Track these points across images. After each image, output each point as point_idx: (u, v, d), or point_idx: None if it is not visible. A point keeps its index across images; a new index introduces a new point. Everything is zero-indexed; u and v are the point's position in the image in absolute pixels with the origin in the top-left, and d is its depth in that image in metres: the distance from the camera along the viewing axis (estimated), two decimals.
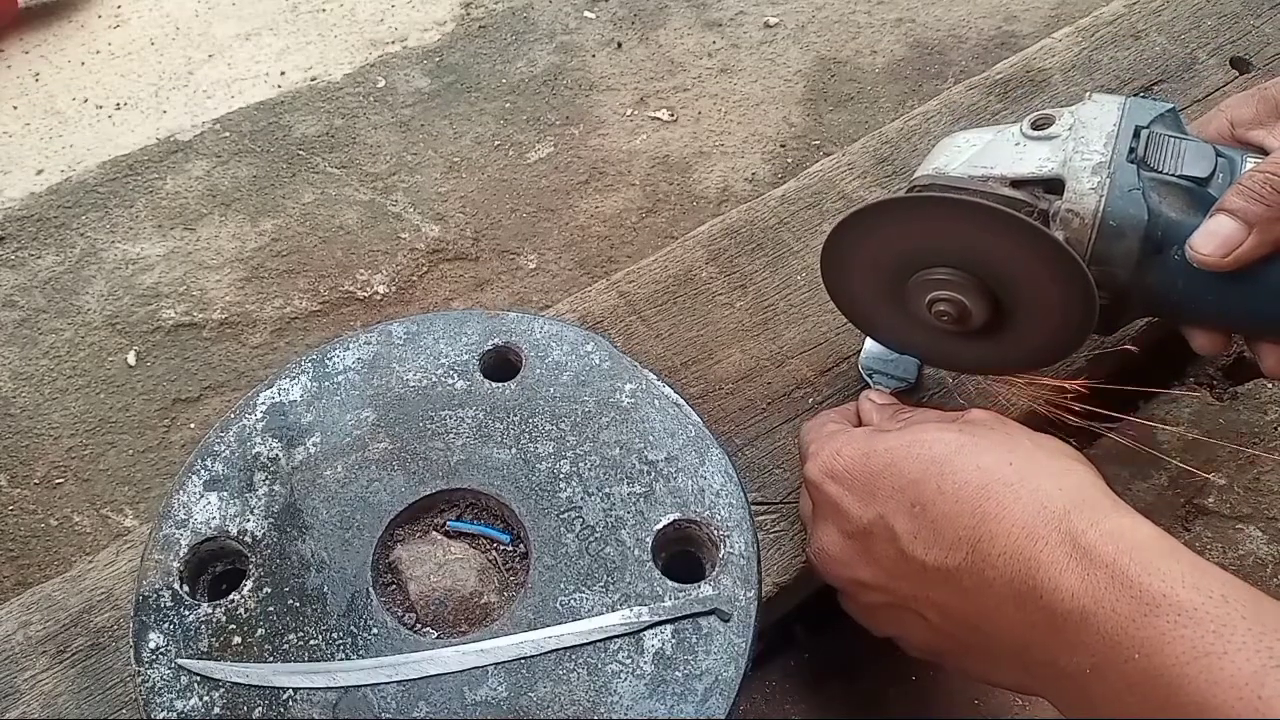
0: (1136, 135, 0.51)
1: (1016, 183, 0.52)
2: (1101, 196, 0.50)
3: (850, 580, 0.49)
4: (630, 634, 0.47)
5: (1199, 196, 0.50)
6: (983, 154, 0.53)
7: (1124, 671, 0.37)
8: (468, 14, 1.09)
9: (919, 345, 0.60)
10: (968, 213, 0.50)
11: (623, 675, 0.46)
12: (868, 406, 0.57)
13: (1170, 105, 0.53)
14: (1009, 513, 0.42)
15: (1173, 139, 0.51)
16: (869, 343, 0.63)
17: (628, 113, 0.98)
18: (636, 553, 0.49)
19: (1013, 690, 0.47)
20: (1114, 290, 0.52)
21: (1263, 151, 0.52)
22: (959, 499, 0.43)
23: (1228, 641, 0.35)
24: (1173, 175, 0.51)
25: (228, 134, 0.97)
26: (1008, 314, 0.54)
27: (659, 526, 0.50)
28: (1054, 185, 0.51)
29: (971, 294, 0.52)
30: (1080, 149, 0.51)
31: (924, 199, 0.52)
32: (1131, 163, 0.51)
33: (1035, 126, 0.53)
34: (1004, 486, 0.43)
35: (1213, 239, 0.48)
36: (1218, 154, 0.51)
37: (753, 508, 0.52)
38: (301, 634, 0.47)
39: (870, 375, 0.61)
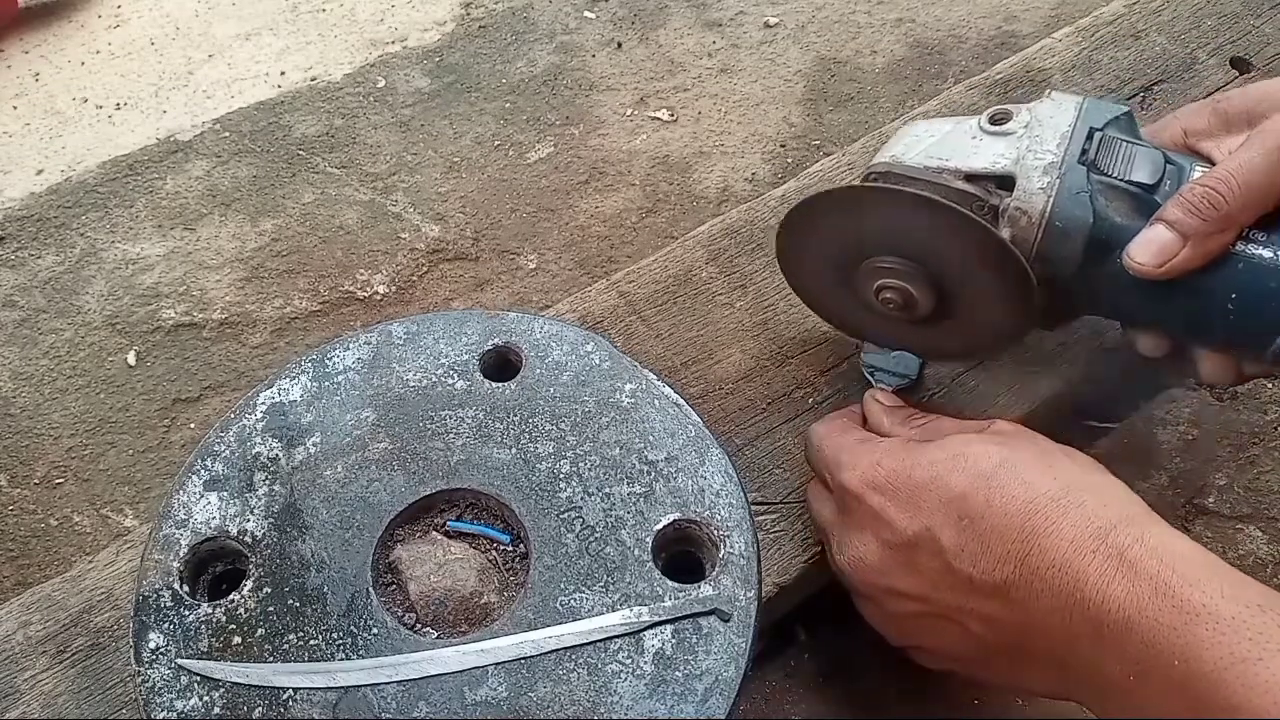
0: (1090, 137, 0.52)
1: (970, 176, 0.53)
2: (1050, 197, 0.51)
3: (886, 589, 0.49)
4: (630, 634, 0.47)
5: (1145, 202, 0.51)
6: (940, 145, 0.54)
7: (1165, 678, 0.39)
8: (468, 14, 1.09)
9: (868, 329, 0.61)
10: (917, 206, 0.51)
11: (623, 675, 0.46)
12: (875, 408, 0.57)
13: (1126, 109, 0.54)
14: (1057, 528, 0.43)
15: (1125, 143, 0.52)
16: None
17: (628, 113, 0.98)
18: (636, 553, 0.49)
19: (1045, 696, 0.48)
20: (1056, 289, 0.53)
21: (1210, 163, 0.52)
22: (1007, 514, 0.44)
23: (1263, 648, 0.37)
24: (1121, 180, 0.51)
25: (228, 134, 0.97)
26: (952, 305, 0.54)
27: (659, 526, 0.50)
28: (1006, 182, 0.52)
29: (918, 283, 0.53)
30: (1034, 147, 0.52)
31: (876, 189, 0.53)
32: (1082, 165, 0.51)
33: (993, 121, 0.54)
34: (1051, 502, 0.44)
35: (1149, 248, 0.49)
36: (1167, 161, 0.52)
37: (753, 508, 0.52)
38: (301, 634, 0.47)
39: (872, 373, 0.61)
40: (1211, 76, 0.80)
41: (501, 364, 0.56)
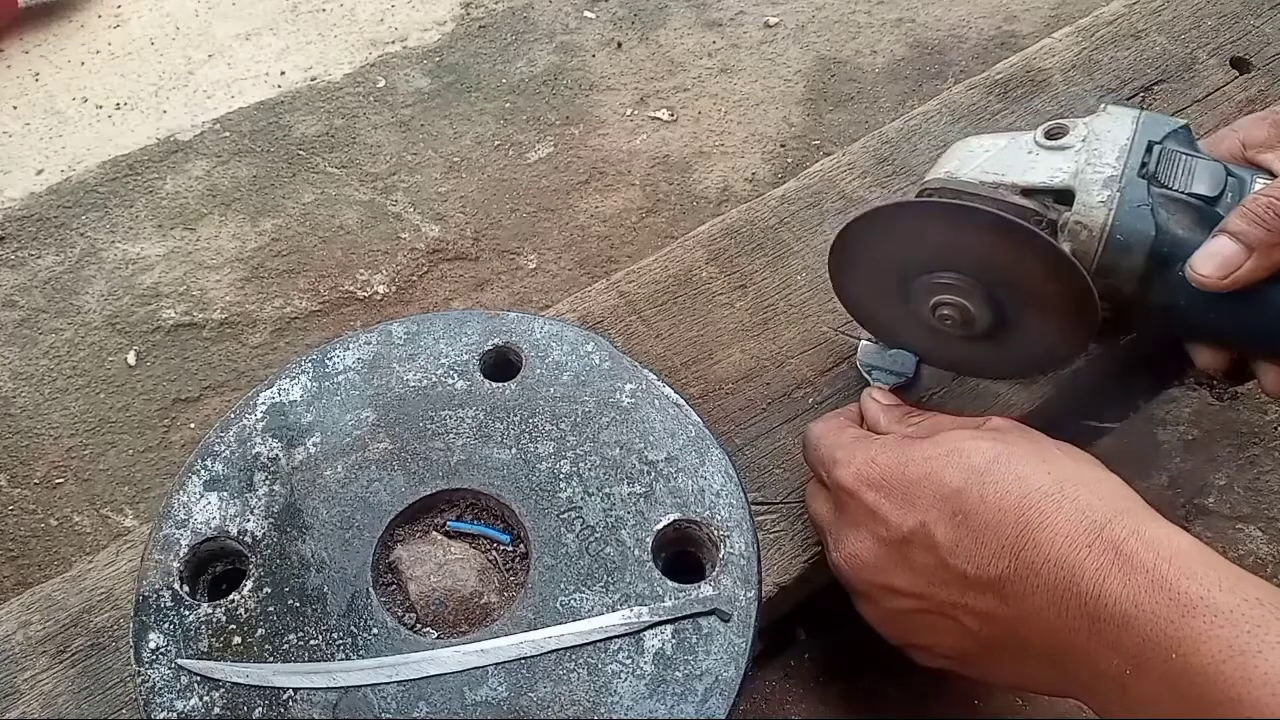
0: (1149, 150, 0.52)
1: (1027, 191, 0.52)
2: (1111, 210, 0.50)
3: (881, 586, 0.49)
4: (630, 634, 0.47)
5: (1207, 215, 0.50)
6: (995, 160, 0.54)
7: (1163, 671, 0.39)
8: (468, 14, 1.09)
9: (921, 346, 0.60)
10: (977, 220, 0.50)
11: (623, 675, 0.46)
12: (872, 407, 0.57)
13: (1183, 122, 0.53)
14: (1051, 522, 0.43)
15: (1184, 156, 0.52)
16: (865, 339, 0.63)
17: (628, 113, 0.98)
18: (636, 553, 0.49)
19: (1043, 693, 0.48)
20: (1117, 303, 0.53)
21: (1271, 174, 0.52)
22: (1001, 509, 0.44)
23: (1261, 640, 0.37)
24: (1182, 193, 0.51)
25: (228, 134, 0.97)
26: (1010, 321, 0.54)
27: (659, 526, 0.50)
28: (1064, 196, 0.52)
29: (976, 299, 0.53)
30: (1093, 161, 0.51)
31: (936, 204, 0.53)
32: (1142, 178, 0.51)
33: (1049, 136, 0.54)
34: (1044, 496, 0.44)
35: (1212, 260, 0.49)
36: (1228, 173, 0.51)
37: (753, 508, 0.52)
38: (301, 634, 0.47)
39: (869, 371, 0.61)
40: (1212, 76, 0.80)
41: (501, 364, 0.56)
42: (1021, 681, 0.48)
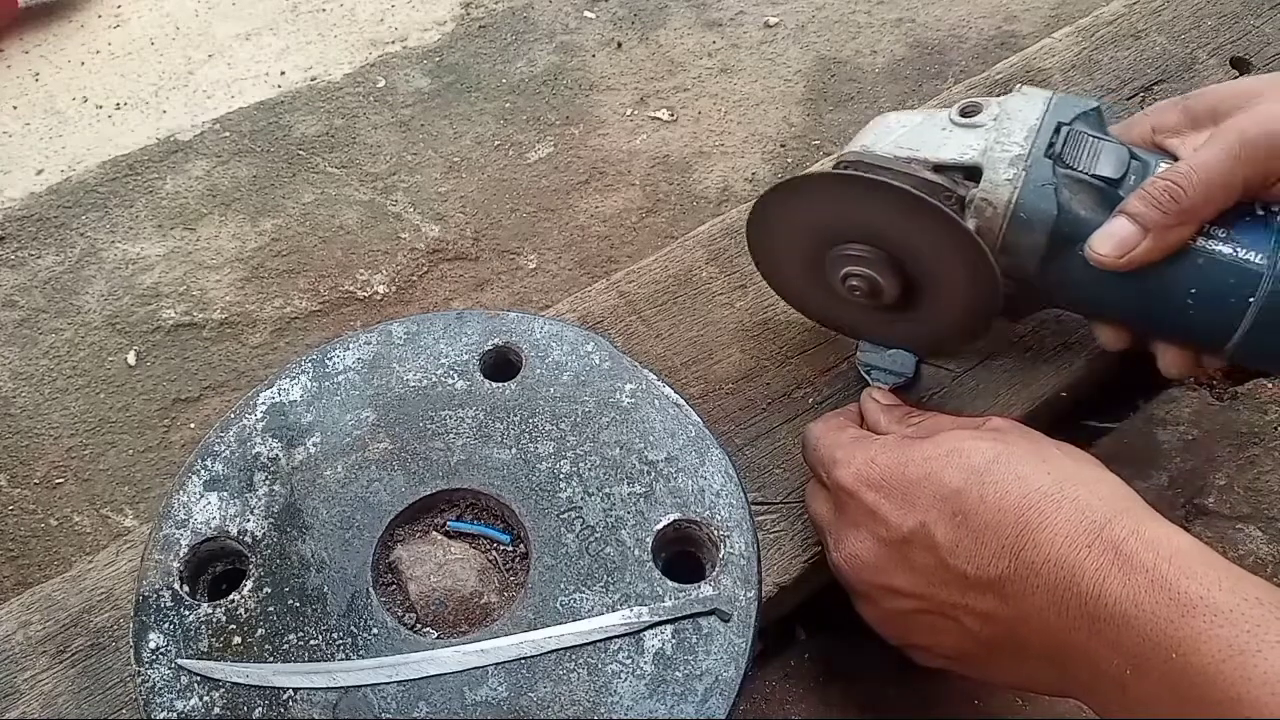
0: (1057, 131, 0.53)
1: (939, 167, 0.53)
2: (1015, 189, 0.51)
3: (881, 587, 0.49)
4: (630, 634, 0.47)
5: (1109, 196, 0.52)
6: (910, 135, 0.55)
7: (1162, 671, 0.38)
8: (468, 14, 1.09)
9: (838, 318, 0.61)
10: (886, 193, 0.51)
11: (623, 675, 0.46)
12: (872, 407, 0.57)
13: (1096, 104, 0.54)
14: (1051, 522, 0.43)
15: (1091, 138, 0.53)
16: (866, 339, 0.63)
17: (628, 113, 0.98)
18: (636, 553, 0.49)
19: (1043, 693, 0.48)
20: (1020, 280, 0.54)
21: (1175, 159, 0.53)
22: (1001, 509, 0.44)
23: (1261, 640, 0.37)
24: (1086, 174, 0.52)
25: (228, 134, 0.97)
26: (918, 293, 0.55)
27: (659, 526, 0.50)
28: (973, 173, 0.53)
29: (884, 270, 0.54)
30: (1001, 140, 0.53)
31: (847, 176, 0.54)
32: (1049, 158, 0.52)
33: (963, 114, 0.55)
34: (1044, 496, 0.44)
35: (1110, 240, 0.50)
36: (1132, 156, 0.52)
37: (753, 508, 0.52)
38: (301, 634, 0.47)
39: (868, 371, 0.61)
40: (1212, 76, 0.80)
41: (501, 364, 0.56)
42: (1021, 681, 0.48)
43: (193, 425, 0.79)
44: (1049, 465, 0.46)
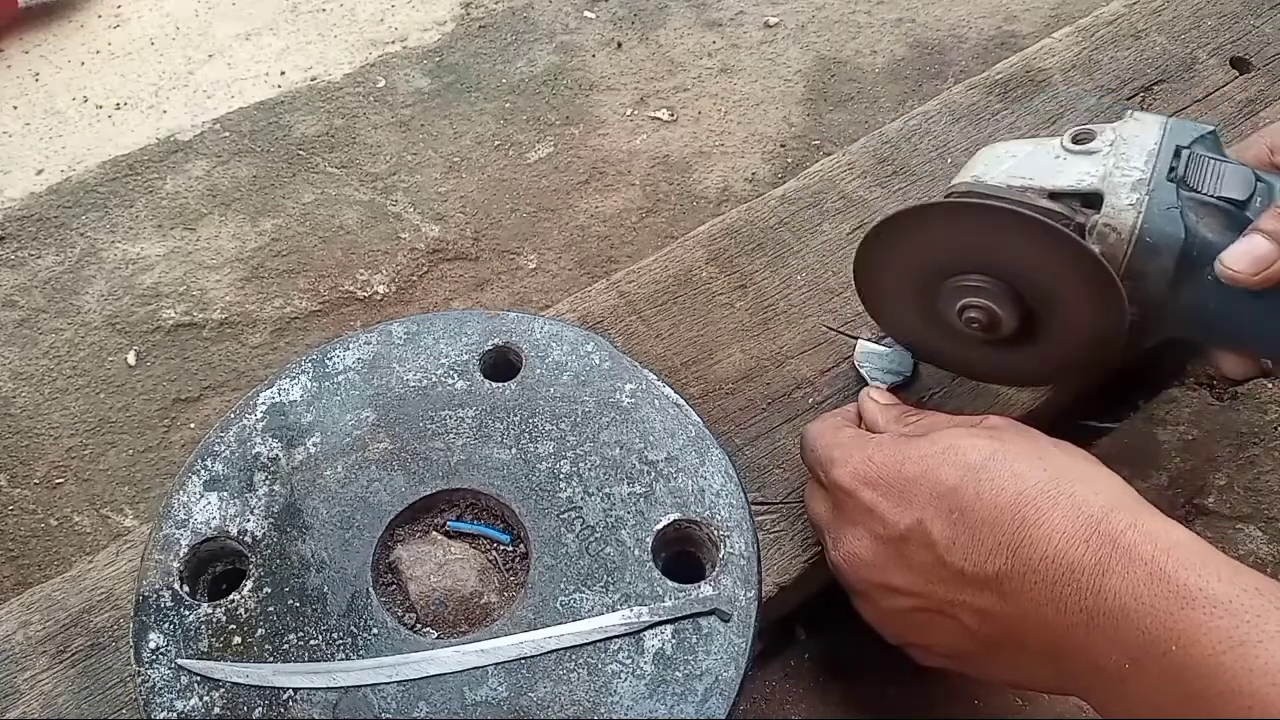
0: (1177, 155, 0.52)
1: (1054, 195, 0.52)
2: (1140, 213, 0.50)
3: (879, 585, 0.49)
4: (630, 634, 0.47)
5: (1236, 219, 0.51)
6: (1021, 165, 0.54)
7: (1162, 665, 0.38)
8: (468, 14, 1.09)
9: (943, 352, 0.60)
10: (1007, 220, 0.50)
11: (623, 675, 0.46)
12: (871, 407, 0.57)
13: (1211, 128, 0.53)
14: (1048, 518, 0.43)
15: (1213, 160, 0.52)
16: (865, 338, 0.63)
17: (628, 113, 0.98)
18: (636, 553, 0.49)
19: (1043, 690, 0.48)
20: (1146, 307, 0.53)
21: None
22: (997, 505, 0.45)
23: (1261, 630, 0.37)
24: (1211, 196, 0.51)
25: (228, 134, 0.97)
26: (1038, 325, 0.54)
27: (659, 526, 0.50)
28: (1092, 200, 0.52)
29: (1003, 302, 0.53)
30: (1120, 165, 0.52)
31: (966, 205, 0.53)
32: (1171, 181, 0.51)
33: (1076, 141, 0.54)
34: (1040, 493, 0.44)
35: (1245, 257, 0.49)
36: (1257, 178, 0.52)
37: (753, 508, 0.52)
38: (301, 634, 0.47)
39: (867, 371, 0.61)
40: (1211, 76, 0.80)
41: (501, 364, 0.56)
42: (1020, 679, 0.48)
43: (193, 425, 0.79)
44: (1045, 461, 0.46)
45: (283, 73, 1.04)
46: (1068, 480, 0.45)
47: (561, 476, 0.52)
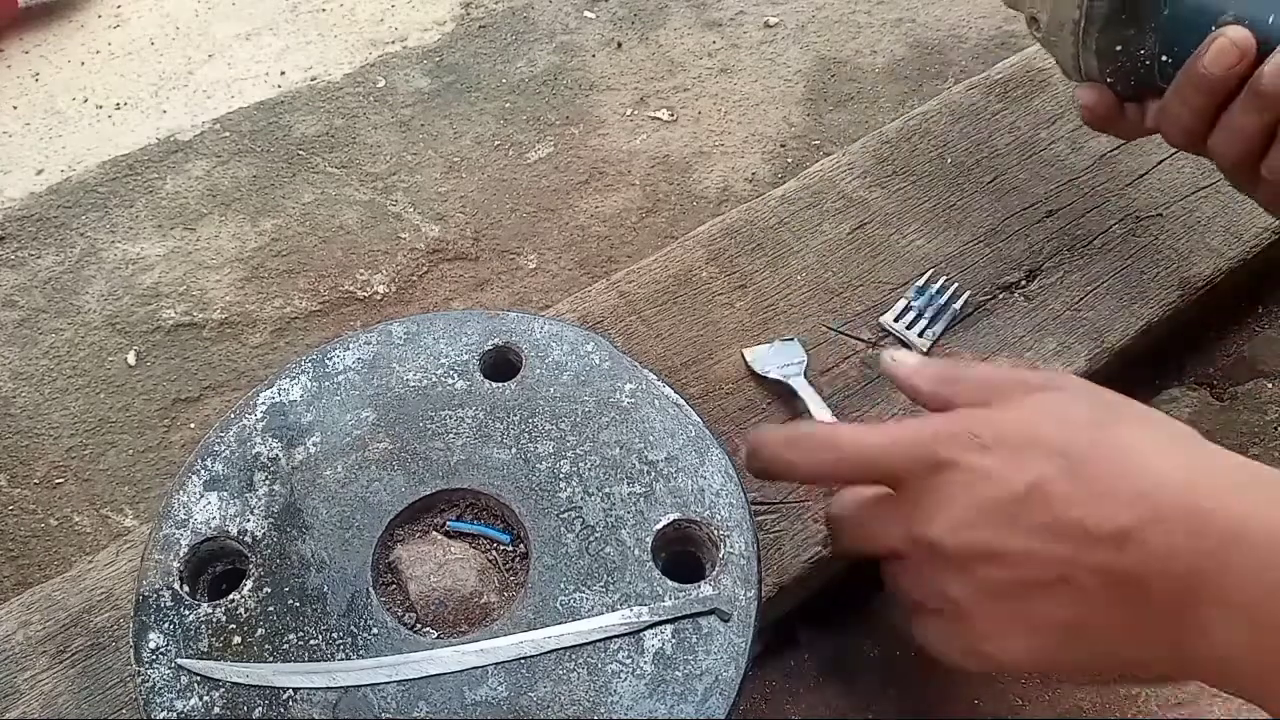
0: None
1: None
2: None
3: (983, 553, 0.44)
4: (630, 634, 0.47)
5: None
6: None
7: None
8: (468, 14, 1.09)
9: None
10: None
11: (623, 675, 0.46)
12: (903, 371, 0.50)
13: None
14: (1169, 459, 0.41)
15: None
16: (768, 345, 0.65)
17: (628, 113, 0.98)
18: (636, 553, 0.49)
19: (1148, 679, 0.45)
20: None
21: None
22: (1118, 451, 0.42)
23: None
24: None
25: (228, 134, 0.97)
26: None
27: (659, 526, 0.50)
28: None
29: None
30: None
31: None
32: None
33: None
34: (1155, 437, 0.43)
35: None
36: None
37: (753, 508, 0.52)
38: (301, 634, 0.47)
39: (761, 368, 0.63)
40: None
41: (501, 364, 0.56)
42: (1130, 658, 0.43)
43: (193, 425, 0.79)
44: (1148, 419, 0.44)
45: (283, 73, 1.04)
46: (1167, 437, 0.43)
47: (561, 476, 0.52)
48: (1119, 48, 0.62)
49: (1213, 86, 0.54)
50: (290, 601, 0.48)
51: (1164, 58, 0.59)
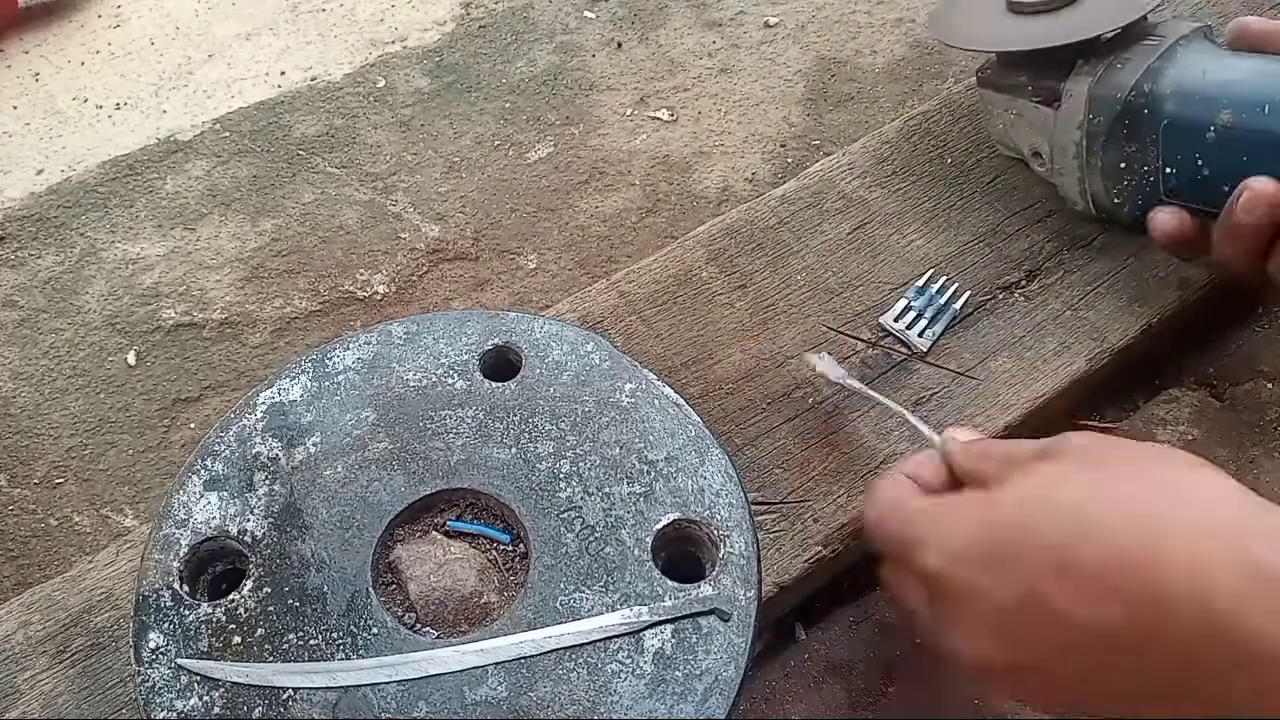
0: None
1: None
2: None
3: (1008, 669, 0.43)
4: (630, 634, 0.47)
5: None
6: None
7: None
8: (468, 14, 1.09)
9: None
10: None
11: (623, 675, 0.46)
12: (957, 454, 0.49)
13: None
14: (1172, 552, 0.38)
15: None
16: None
17: (628, 113, 0.98)
18: (636, 552, 0.49)
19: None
20: None
21: None
22: (1114, 549, 0.39)
23: None
24: None
25: (228, 134, 0.97)
26: None
27: (659, 526, 0.50)
28: None
29: None
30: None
31: None
32: None
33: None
34: (1156, 522, 0.39)
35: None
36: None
37: (753, 508, 0.52)
38: (301, 634, 0.47)
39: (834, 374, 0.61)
40: None
41: (501, 364, 0.56)
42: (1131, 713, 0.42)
43: (193, 425, 0.79)
44: (1149, 480, 0.40)
45: (283, 73, 1.04)
46: (1181, 499, 0.39)
47: (561, 476, 0.52)
48: (1123, 165, 0.63)
49: (1254, 232, 0.56)
50: (290, 601, 0.48)
51: (1168, 169, 0.61)
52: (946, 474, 0.49)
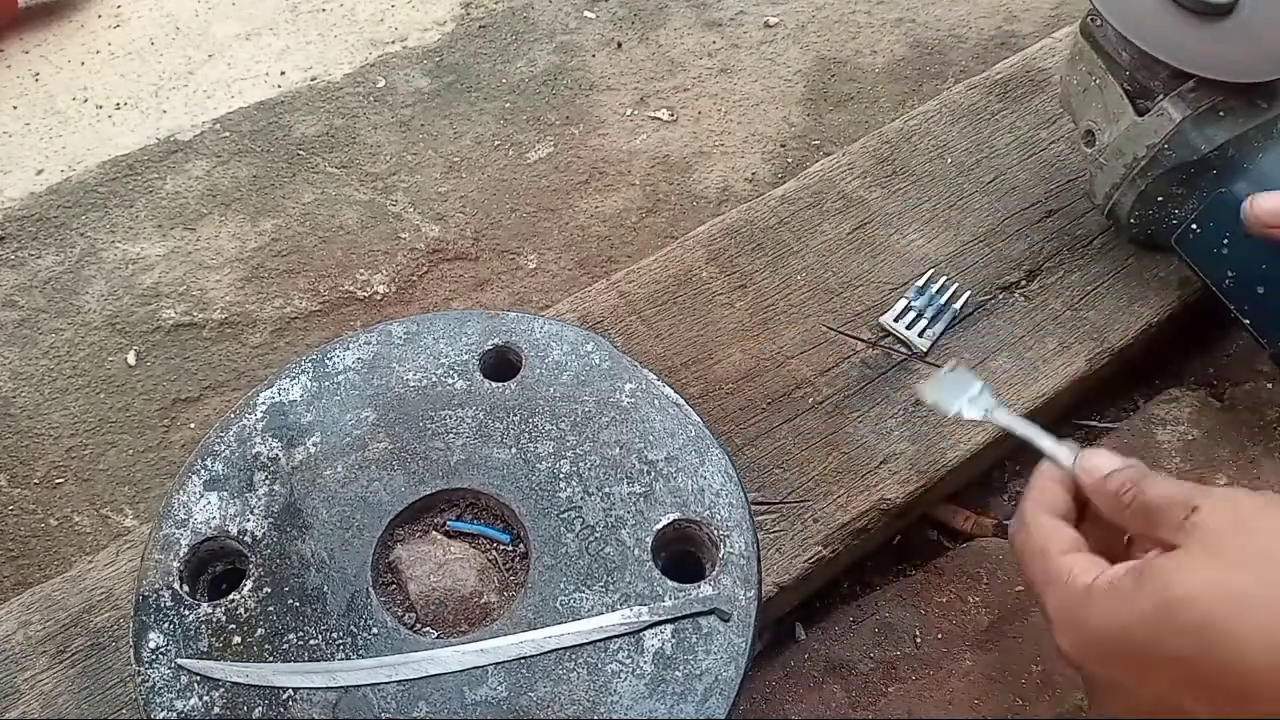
0: None
1: None
2: None
3: None
4: (630, 634, 0.47)
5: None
6: None
7: None
8: (468, 14, 1.09)
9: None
10: None
11: (623, 675, 0.46)
12: (1089, 486, 0.46)
13: None
14: None
15: None
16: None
17: (628, 113, 0.98)
18: (636, 552, 0.49)
19: None
20: None
21: None
22: (1243, 668, 0.38)
23: None
24: None
25: (228, 134, 0.97)
26: None
27: (659, 526, 0.50)
28: None
29: None
30: None
31: None
32: None
33: None
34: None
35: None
36: None
37: (753, 508, 0.52)
38: (301, 634, 0.47)
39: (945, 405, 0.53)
40: None
41: (501, 364, 0.56)
42: None
43: (193, 425, 0.79)
44: (1273, 569, 0.39)
45: (283, 73, 1.04)
46: None
47: (561, 476, 0.51)
48: (1160, 199, 0.63)
49: None
50: (290, 601, 0.48)
51: (1193, 226, 0.61)
52: (1073, 496, 0.47)
